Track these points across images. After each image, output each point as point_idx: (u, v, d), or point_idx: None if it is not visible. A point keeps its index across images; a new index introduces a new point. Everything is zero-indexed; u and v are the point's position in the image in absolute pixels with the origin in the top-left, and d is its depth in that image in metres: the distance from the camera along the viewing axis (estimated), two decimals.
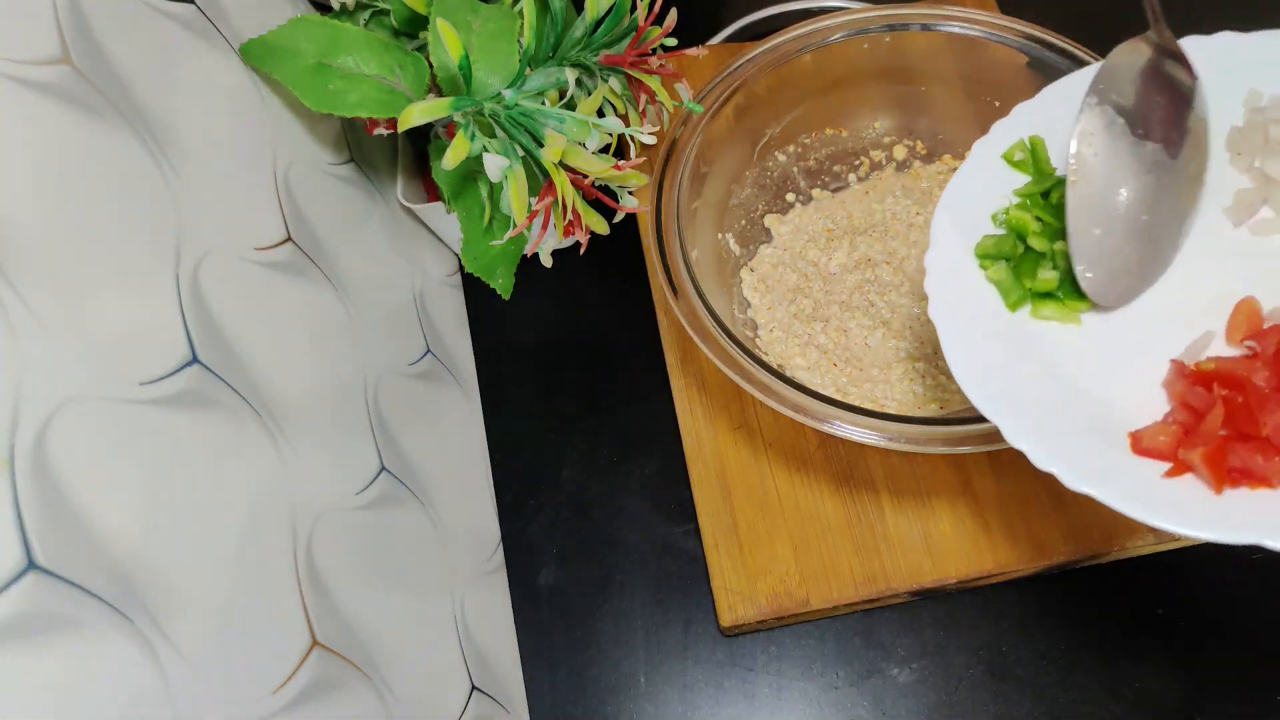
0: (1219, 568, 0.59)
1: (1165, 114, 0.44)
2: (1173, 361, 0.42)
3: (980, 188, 0.48)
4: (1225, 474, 0.37)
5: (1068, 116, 0.45)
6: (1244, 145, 0.45)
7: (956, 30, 0.62)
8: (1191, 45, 0.46)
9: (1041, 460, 0.38)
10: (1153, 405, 0.41)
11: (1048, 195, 0.47)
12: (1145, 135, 0.44)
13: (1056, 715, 0.56)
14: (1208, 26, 0.47)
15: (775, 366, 0.52)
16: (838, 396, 0.57)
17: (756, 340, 0.63)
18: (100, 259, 0.33)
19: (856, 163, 0.70)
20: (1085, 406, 0.41)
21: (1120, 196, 0.44)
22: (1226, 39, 0.46)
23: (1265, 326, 0.42)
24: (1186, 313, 0.43)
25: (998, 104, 0.64)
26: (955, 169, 0.68)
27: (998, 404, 0.40)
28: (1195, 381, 0.40)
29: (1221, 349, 0.42)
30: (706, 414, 0.63)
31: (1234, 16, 0.49)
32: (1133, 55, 0.45)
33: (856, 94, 0.67)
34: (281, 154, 0.50)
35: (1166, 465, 0.38)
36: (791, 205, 0.69)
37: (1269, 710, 0.56)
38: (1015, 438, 0.39)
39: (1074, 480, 0.37)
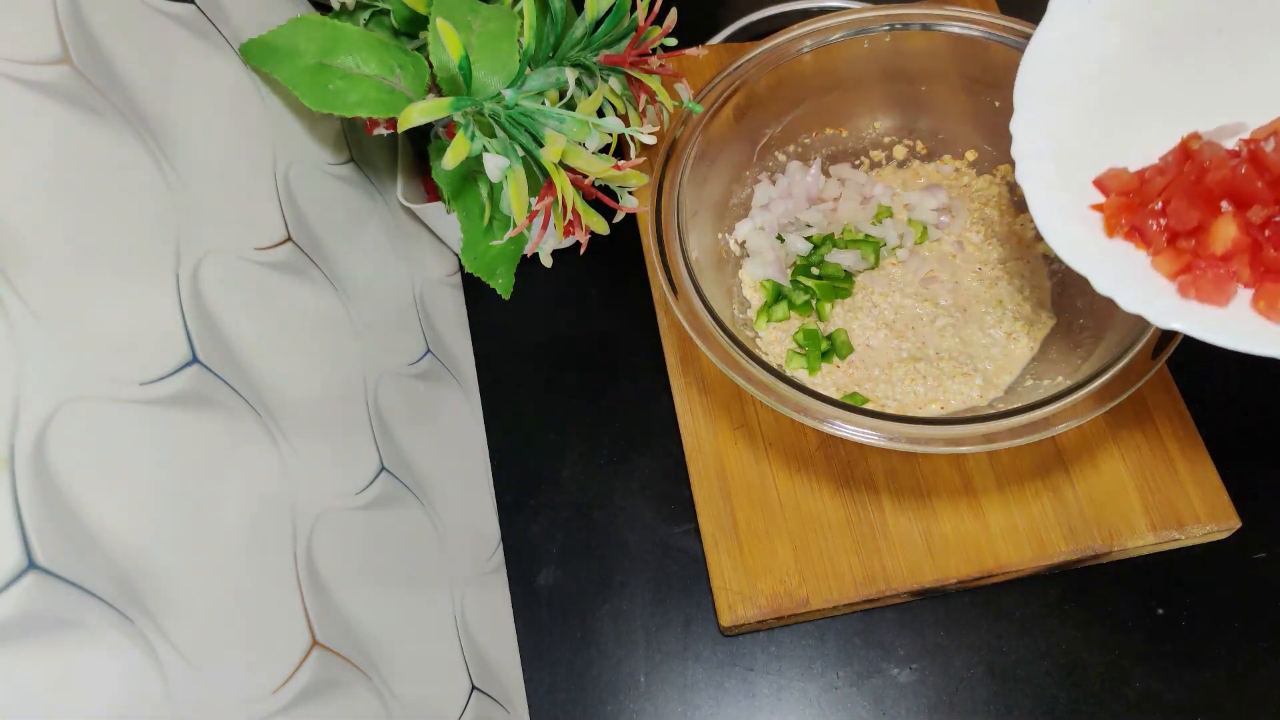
0: (1218, 567, 0.59)
1: None
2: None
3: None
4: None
5: None
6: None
7: (957, 30, 0.62)
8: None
9: (1161, 317, 0.42)
10: None
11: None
12: None
13: (1056, 715, 0.56)
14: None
15: (775, 366, 0.52)
16: (838, 396, 0.57)
17: (757, 340, 0.63)
18: (100, 259, 0.33)
19: (856, 162, 0.70)
20: None
21: None
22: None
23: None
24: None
25: (998, 104, 0.64)
26: (955, 168, 0.69)
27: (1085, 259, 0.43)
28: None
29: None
30: (706, 414, 0.63)
31: None
32: None
33: (856, 94, 0.67)
34: (281, 154, 0.50)
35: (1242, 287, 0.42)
36: None
37: (1270, 710, 0.56)
38: (1104, 288, 0.43)
39: (1162, 318, 0.41)
